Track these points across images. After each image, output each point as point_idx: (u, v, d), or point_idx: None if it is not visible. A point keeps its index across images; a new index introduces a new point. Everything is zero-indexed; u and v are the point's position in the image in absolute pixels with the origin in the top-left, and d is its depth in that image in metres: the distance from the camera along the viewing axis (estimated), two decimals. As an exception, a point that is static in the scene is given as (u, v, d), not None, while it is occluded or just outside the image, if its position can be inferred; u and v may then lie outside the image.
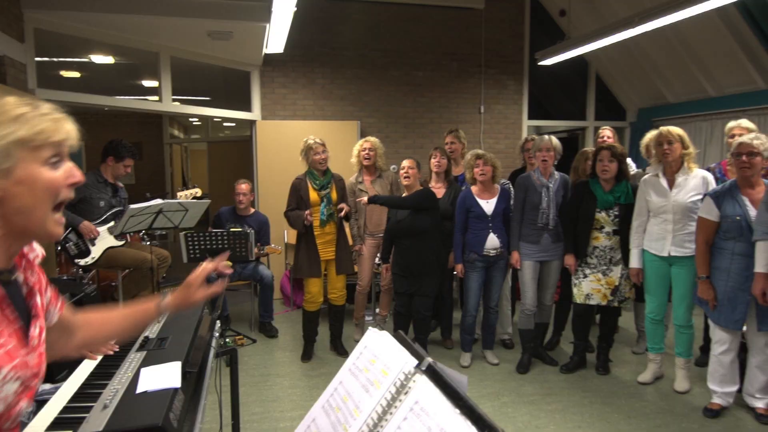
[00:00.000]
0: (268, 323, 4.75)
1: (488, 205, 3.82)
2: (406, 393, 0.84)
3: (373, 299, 5.14)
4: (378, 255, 4.36)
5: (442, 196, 4.09)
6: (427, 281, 3.86)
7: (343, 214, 3.92)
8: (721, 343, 3.15)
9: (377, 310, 4.71)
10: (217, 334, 2.40)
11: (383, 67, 6.39)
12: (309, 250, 3.94)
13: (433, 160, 4.16)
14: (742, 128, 3.53)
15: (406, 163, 3.85)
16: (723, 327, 3.11)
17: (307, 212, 3.86)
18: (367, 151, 4.32)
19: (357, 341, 4.48)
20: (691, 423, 3.11)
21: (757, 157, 2.91)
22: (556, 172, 3.85)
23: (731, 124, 3.62)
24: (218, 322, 2.48)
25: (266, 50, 5.26)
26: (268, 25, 4.30)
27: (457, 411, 0.74)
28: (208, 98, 8.01)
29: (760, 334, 3.04)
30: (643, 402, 3.39)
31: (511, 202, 4.00)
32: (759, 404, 3.12)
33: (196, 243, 4.10)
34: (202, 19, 4.19)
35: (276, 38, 4.73)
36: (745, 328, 3.11)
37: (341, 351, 4.18)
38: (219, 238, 4.11)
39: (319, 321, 4.14)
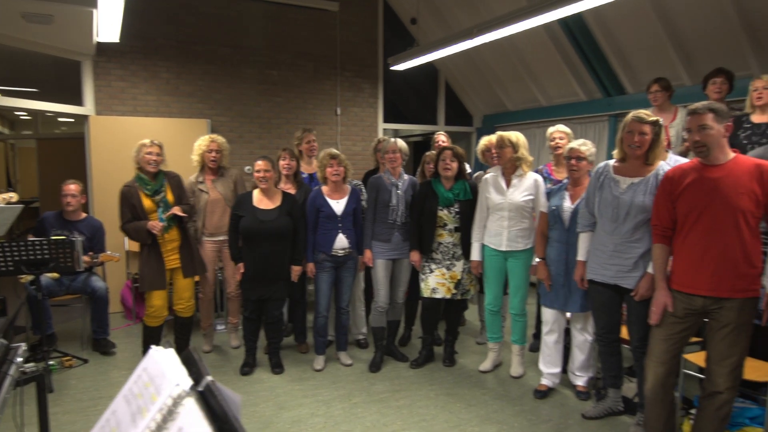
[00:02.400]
0: (103, 339, 4.29)
1: (338, 205, 3.82)
2: (173, 420, 0.75)
3: (225, 306, 4.90)
4: (219, 259, 4.18)
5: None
6: (282, 285, 3.78)
7: (170, 213, 3.62)
8: (547, 323, 3.48)
9: (230, 318, 4.48)
10: (20, 359, 2.08)
11: (235, 64, 6.13)
12: (153, 260, 3.62)
13: (282, 162, 4.05)
14: (561, 132, 3.93)
15: (262, 164, 3.69)
16: (548, 307, 3.43)
17: (152, 223, 3.55)
18: (214, 154, 4.11)
19: (207, 353, 4.20)
20: (523, 405, 3.37)
21: (583, 161, 3.26)
22: (404, 174, 3.97)
23: (551, 129, 4.01)
24: (23, 345, 2.16)
25: (98, 39, 4.76)
26: (95, 11, 3.87)
27: (216, 437, 0.67)
28: (35, 90, 7.09)
29: (579, 316, 3.39)
30: (483, 390, 3.61)
31: (362, 202, 4.06)
32: (579, 382, 3.48)
33: (8, 254, 3.56)
34: (12, -2, 3.66)
35: (108, 26, 4.28)
36: (569, 314, 3.45)
37: (187, 365, 3.90)
38: (38, 247, 3.61)
39: (161, 336, 3.83)
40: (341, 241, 3.79)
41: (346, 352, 4.07)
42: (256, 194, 3.74)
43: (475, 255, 3.72)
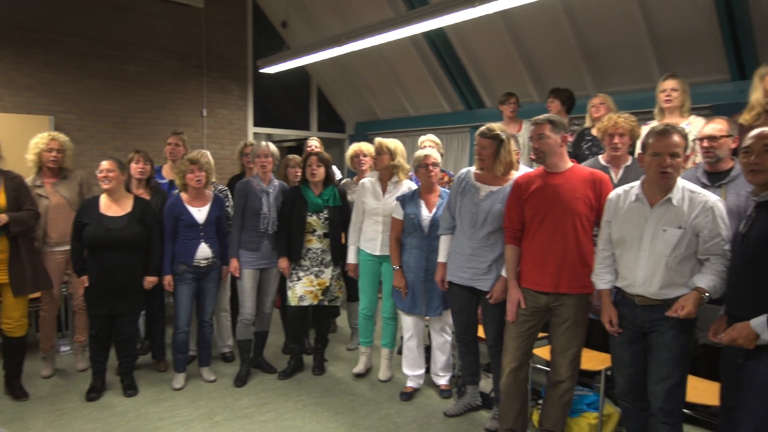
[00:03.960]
0: None
1: (200, 213, 3.60)
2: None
3: (71, 324, 4.39)
4: (66, 271, 3.75)
5: (148, 203, 3.71)
6: (134, 298, 3.47)
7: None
8: (408, 329, 3.56)
9: (76, 337, 4.01)
10: None
11: (84, 56, 5.58)
12: None
13: (134, 165, 3.74)
14: (431, 141, 4.10)
15: (105, 164, 3.37)
16: (408, 313, 3.52)
17: None
18: (54, 154, 3.66)
19: (46, 378, 3.73)
20: (390, 409, 3.42)
21: (437, 167, 3.39)
22: (275, 180, 3.87)
23: (422, 138, 4.17)
24: None
25: None
26: None
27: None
28: None
29: (437, 318, 3.51)
30: (352, 396, 3.61)
31: (227, 209, 3.88)
32: (441, 381, 3.61)
33: None
34: None
35: None
36: (427, 317, 3.57)
37: (20, 394, 3.43)
38: None
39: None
40: (204, 251, 3.58)
41: (210, 368, 3.84)
42: (103, 199, 3.40)
43: (351, 258, 3.73)
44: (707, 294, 2.16)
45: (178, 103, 6.20)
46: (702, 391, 2.64)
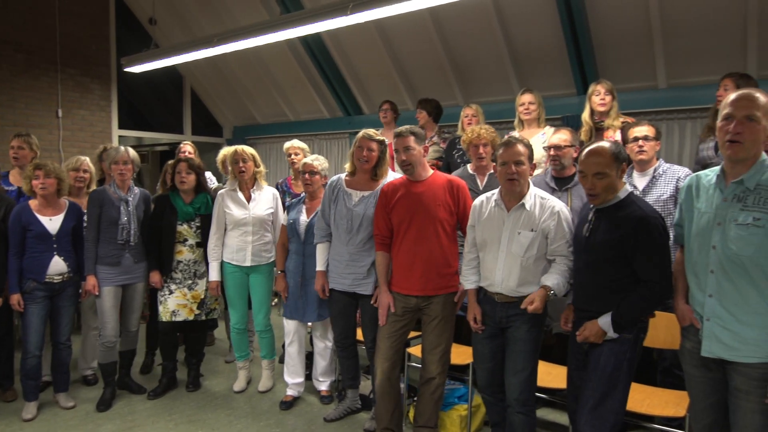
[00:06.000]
0: None
1: (52, 223, 3.28)
2: None
3: None
4: None
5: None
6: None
7: None
8: (289, 335, 3.53)
9: None
10: None
11: None
12: None
13: (-28, 171, 3.32)
14: (296, 147, 4.11)
15: None
16: (288, 318, 3.49)
17: None
18: None
19: None
20: (269, 419, 3.35)
21: (316, 175, 3.40)
22: (135, 188, 3.62)
23: (287, 144, 4.16)
24: None
25: None
26: None
27: None
28: None
29: (319, 324, 3.51)
30: (229, 410, 3.48)
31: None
32: (322, 387, 3.61)
33: None
34: None
35: None
36: (310, 324, 3.56)
37: None
38: None
39: None
40: (57, 265, 3.26)
41: (67, 393, 3.50)
42: (-70, 212, 2.98)
43: (214, 275, 3.58)
44: (552, 291, 2.38)
45: (27, 102, 5.59)
46: (556, 377, 2.91)
